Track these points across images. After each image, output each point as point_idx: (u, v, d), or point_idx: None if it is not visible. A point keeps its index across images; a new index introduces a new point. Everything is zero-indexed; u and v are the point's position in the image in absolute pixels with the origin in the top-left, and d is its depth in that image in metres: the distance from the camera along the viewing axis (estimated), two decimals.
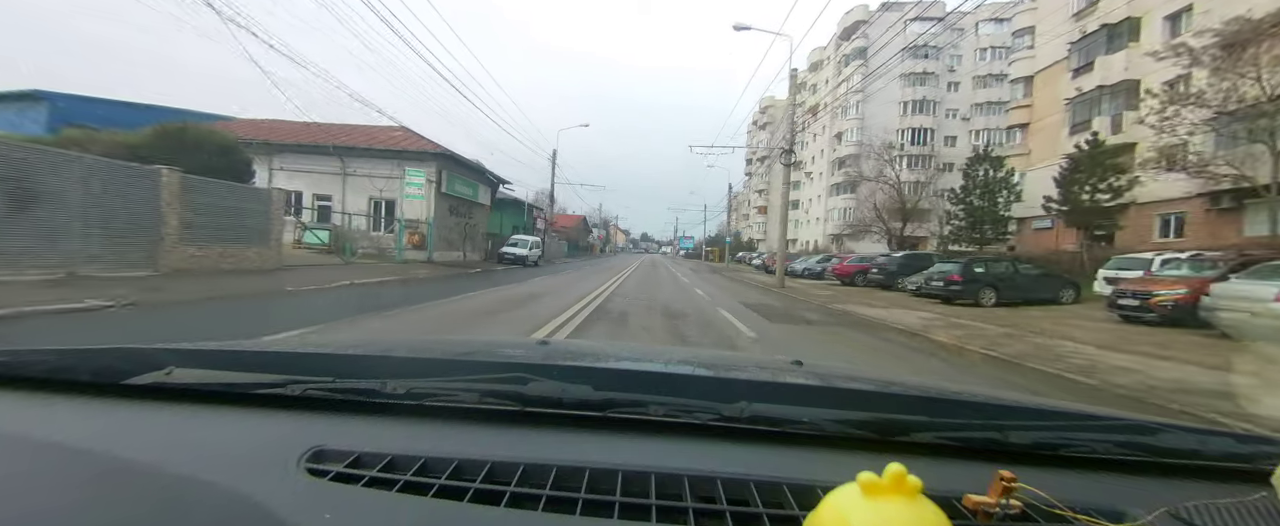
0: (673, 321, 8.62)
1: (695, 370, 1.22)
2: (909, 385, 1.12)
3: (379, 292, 10.57)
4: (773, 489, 0.62)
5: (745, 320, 9.19)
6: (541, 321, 7.63)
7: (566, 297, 11.18)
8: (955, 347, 7.36)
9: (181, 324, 6.32)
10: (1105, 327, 9.89)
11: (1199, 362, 6.34)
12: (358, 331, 6.20)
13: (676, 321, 8.64)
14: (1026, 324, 9.92)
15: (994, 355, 6.63)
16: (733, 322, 8.81)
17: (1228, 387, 4.68)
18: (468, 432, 0.73)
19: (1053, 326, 9.71)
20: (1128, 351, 7.13)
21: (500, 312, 8.69)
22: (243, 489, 0.55)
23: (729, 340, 7.20)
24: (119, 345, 0.92)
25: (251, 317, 7.21)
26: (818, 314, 11.24)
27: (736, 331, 7.94)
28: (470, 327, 7.23)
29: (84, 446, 0.63)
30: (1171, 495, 0.63)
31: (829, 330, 8.96)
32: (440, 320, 7.62)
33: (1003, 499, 0.56)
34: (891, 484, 0.44)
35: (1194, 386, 5.09)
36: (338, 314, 7.37)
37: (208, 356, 0.96)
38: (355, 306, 8.37)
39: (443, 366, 0.97)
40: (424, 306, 8.76)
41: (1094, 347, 7.41)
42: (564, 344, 1.39)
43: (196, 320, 6.63)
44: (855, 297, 15.27)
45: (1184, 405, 4.35)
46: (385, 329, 6.53)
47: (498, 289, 12.71)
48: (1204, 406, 4.24)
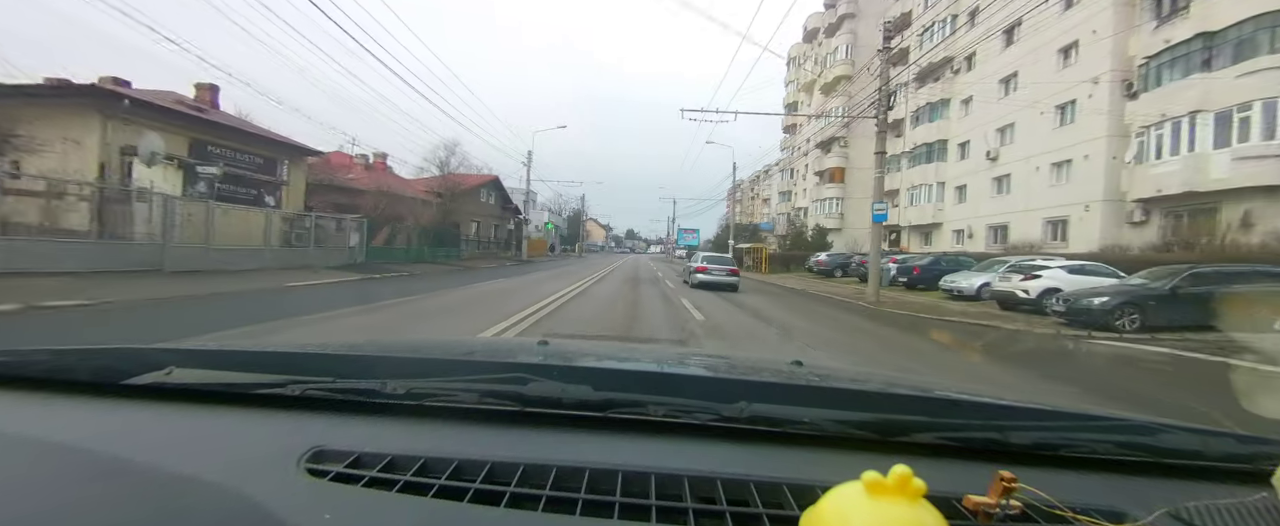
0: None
1: (695, 370, 1.22)
2: (909, 385, 1.12)
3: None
4: (773, 489, 0.62)
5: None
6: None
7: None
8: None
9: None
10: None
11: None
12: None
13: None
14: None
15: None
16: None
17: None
18: (468, 433, 0.73)
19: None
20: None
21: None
22: (243, 489, 0.55)
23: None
24: (119, 345, 0.93)
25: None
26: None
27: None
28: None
29: (84, 446, 0.63)
30: (1171, 495, 0.63)
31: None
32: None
33: (1003, 499, 0.56)
34: (896, 485, 0.44)
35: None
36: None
37: (208, 356, 0.96)
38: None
39: (443, 366, 0.97)
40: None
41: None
42: (564, 344, 1.39)
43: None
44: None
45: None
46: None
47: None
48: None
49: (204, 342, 1.10)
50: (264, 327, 6.32)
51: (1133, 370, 6.93)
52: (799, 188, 50.61)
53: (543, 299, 10.67)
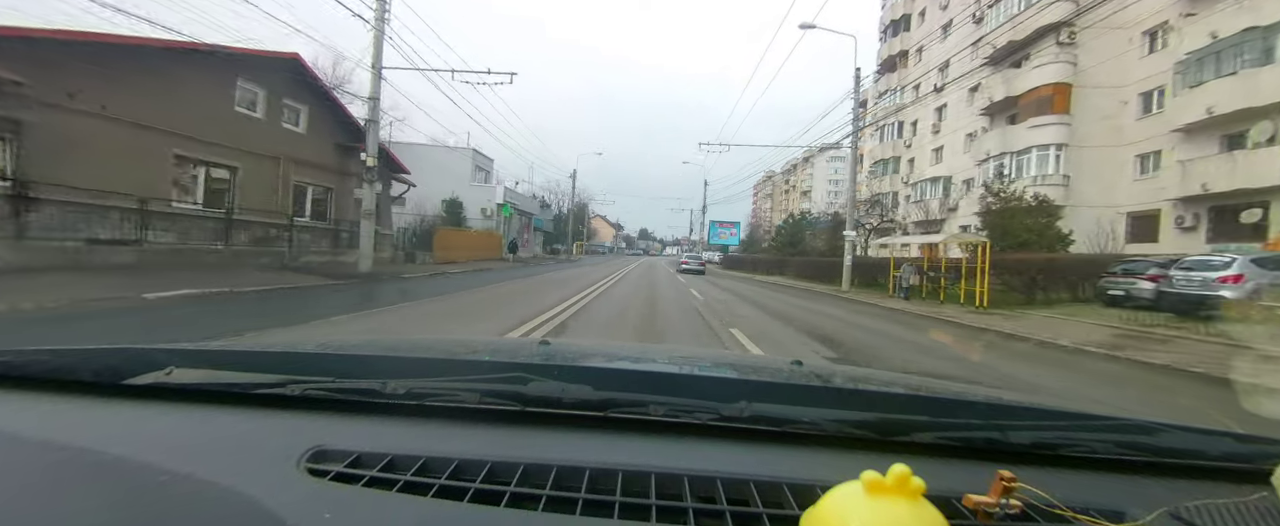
0: None
1: (695, 370, 1.22)
2: (909, 385, 1.12)
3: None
4: (773, 489, 0.62)
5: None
6: None
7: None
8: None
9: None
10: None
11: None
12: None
13: None
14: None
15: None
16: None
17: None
18: (468, 432, 0.73)
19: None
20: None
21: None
22: (243, 489, 0.55)
23: None
24: (119, 345, 0.93)
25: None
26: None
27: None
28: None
29: (84, 446, 0.63)
30: (1171, 495, 0.63)
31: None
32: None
33: (1003, 499, 0.56)
34: (895, 484, 0.44)
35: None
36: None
37: (208, 356, 0.96)
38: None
39: (443, 366, 0.97)
40: None
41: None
42: (564, 344, 1.39)
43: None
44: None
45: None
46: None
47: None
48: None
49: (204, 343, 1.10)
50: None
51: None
52: (920, 146, 30.41)
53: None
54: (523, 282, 15.17)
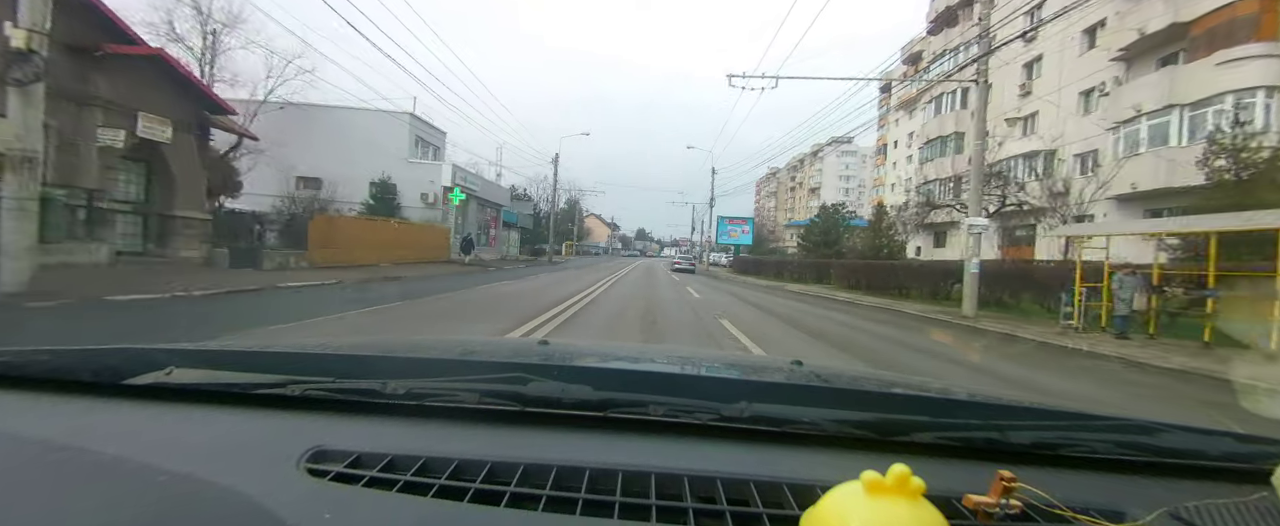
0: None
1: (695, 370, 1.22)
2: (909, 385, 1.12)
3: None
4: (773, 489, 0.62)
5: None
6: None
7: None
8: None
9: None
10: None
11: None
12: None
13: None
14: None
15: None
16: None
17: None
18: (468, 432, 0.73)
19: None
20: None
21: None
22: (243, 489, 0.55)
23: None
24: (119, 345, 0.93)
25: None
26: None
27: None
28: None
29: (84, 446, 0.63)
30: (1171, 495, 0.63)
31: None
32: None
33: (1003, 499, 0.56)
34: (895, 484, 0.44)
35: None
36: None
37: (208, 356, 0.96)
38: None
39: (443, 366, 0.97)
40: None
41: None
42: (564, 344, 1.39)
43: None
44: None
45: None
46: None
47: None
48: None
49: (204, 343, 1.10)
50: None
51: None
52: (997, 115, 18.10)
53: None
54: (380, 315, 7.77)
